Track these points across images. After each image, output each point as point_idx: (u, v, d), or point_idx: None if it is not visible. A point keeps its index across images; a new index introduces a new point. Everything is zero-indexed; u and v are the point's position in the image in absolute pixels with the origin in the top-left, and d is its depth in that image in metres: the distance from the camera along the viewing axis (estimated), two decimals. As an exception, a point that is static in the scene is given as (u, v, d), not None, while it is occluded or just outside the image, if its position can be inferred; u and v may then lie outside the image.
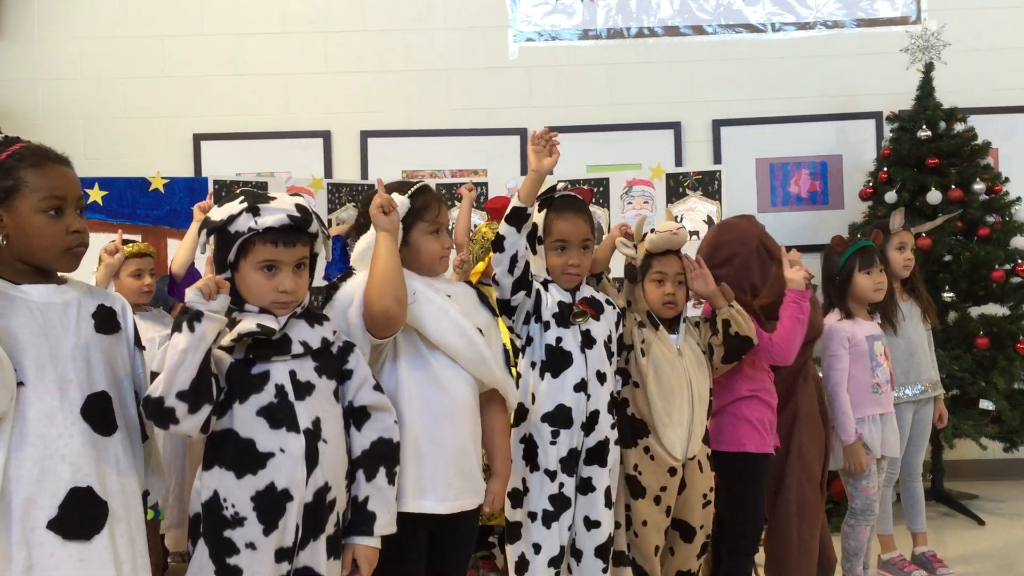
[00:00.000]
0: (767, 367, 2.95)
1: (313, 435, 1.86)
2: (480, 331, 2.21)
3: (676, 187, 4.93)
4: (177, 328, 1.75)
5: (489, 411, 2.29)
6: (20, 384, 1.65)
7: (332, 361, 1.97)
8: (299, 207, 1.91)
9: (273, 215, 1.87)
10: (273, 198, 1.92)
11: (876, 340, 3.32)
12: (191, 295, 1.76)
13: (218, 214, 1.90)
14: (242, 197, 1.91)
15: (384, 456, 2.00)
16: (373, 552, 1.98)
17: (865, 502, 3.26)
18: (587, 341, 2.51)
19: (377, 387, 2.04)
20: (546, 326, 2.49)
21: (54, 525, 1.64)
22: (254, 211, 1.87)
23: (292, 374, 1.88)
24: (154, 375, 1.77)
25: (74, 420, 1.69)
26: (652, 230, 2.79)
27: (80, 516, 1.67)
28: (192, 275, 3.12)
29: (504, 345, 2.33)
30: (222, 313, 1.80)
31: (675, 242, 2.78)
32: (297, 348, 1.90)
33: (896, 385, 3.45)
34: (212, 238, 1.92)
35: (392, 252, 2.05)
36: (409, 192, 2.19)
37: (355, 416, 2.01)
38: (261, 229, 1.86)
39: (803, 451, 3.01)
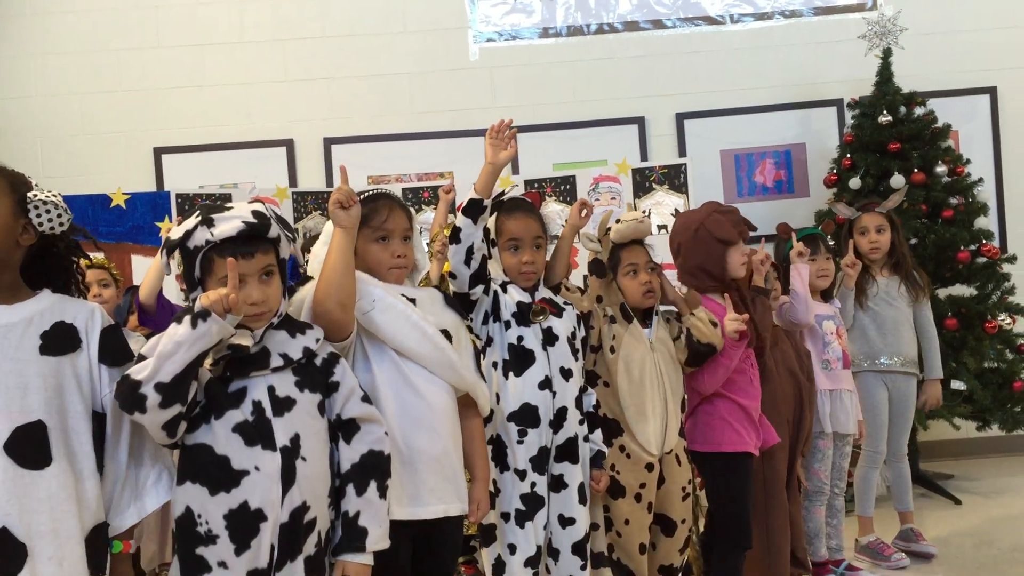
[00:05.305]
0: (747, 364, 2.92)
1: (291, 453, 1.80)
2: (449, 333, 2.18)
3: (643, 182, 4.93)
4: (178, 321, 1.70)
5: (465, 416, 2.25)
6: None
7: (315, 374, 1.91)
8: (255, 213, 1.85)
9: (228, 223, 1.81)
10: (230, 208, 1.85)
11: (826, 320, 3.47)
12: (199, 309, 1.71)
13: (176, 232, 1.85)
14: (197, 212, 1.85)
15: (374, 469, 1.93)
16: (365, 569, 1.90)
17: (816, 485, 3.41)
18: (549, 338, 2.49)
19: (365, 398, 1.97)
20: (507, 325, 2.47)
21: None
22: (208, 222, 1.81)
23: (271, 389, 1.82)
24: (141, 358, 1.70)
25: None
26: (618, 221, 2.78)
27: None
28: (162, 305, 3.02)
29: (474, 344, 2.31)
30: (232, 327, 1.75)
31: (641, 231, 2.78)
32: (276, 361, 1.84)
33: (860, 359, 3.68)
34: (178, 257, 1.87)
35: (343, 251, 1.97)
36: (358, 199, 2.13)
37: (343, 429, 1.94)
38: (219, 240, 1.80)
39: (765, 448, 2.98)
